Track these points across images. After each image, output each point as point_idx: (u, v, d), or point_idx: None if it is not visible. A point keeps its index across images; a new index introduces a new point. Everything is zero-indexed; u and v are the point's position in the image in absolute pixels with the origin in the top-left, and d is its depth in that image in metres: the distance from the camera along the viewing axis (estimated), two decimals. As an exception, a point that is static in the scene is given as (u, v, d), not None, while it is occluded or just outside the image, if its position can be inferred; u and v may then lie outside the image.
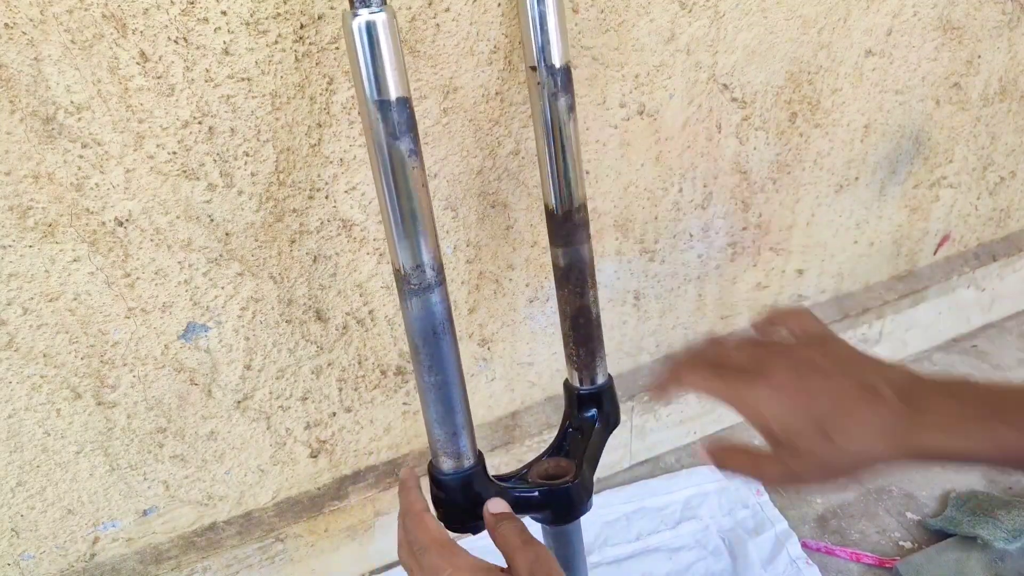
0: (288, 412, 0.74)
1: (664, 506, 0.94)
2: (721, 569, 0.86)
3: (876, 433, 0.42)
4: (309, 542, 0.80)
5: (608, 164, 0.77)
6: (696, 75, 0.76)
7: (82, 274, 0.59)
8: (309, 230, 0.65)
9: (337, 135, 0.62)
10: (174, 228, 0.60)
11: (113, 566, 0.73)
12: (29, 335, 0.59)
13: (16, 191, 0.54)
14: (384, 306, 0.73)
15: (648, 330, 0.93)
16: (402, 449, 0.84)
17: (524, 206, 0.74)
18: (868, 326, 1.07)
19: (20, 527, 0.67)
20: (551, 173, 0.61)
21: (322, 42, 0.57)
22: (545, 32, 0.57)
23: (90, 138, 0.54)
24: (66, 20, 0.49)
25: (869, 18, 0.83)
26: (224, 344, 0.67)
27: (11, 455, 0.64)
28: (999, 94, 1.00)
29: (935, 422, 0.41)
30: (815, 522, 0.92)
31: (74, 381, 0.63)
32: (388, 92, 0.47)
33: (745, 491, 0.94)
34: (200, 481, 0.74)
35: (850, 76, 0.86)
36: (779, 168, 0.88)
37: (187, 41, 0.53)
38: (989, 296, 1.19)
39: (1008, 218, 1.16)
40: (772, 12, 0.76)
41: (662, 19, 0.71)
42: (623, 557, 0.88)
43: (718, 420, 1.03)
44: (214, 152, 0.58)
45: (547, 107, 0.59)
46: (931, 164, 1.01)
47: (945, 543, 0.87)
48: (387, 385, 0.78)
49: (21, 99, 0.51)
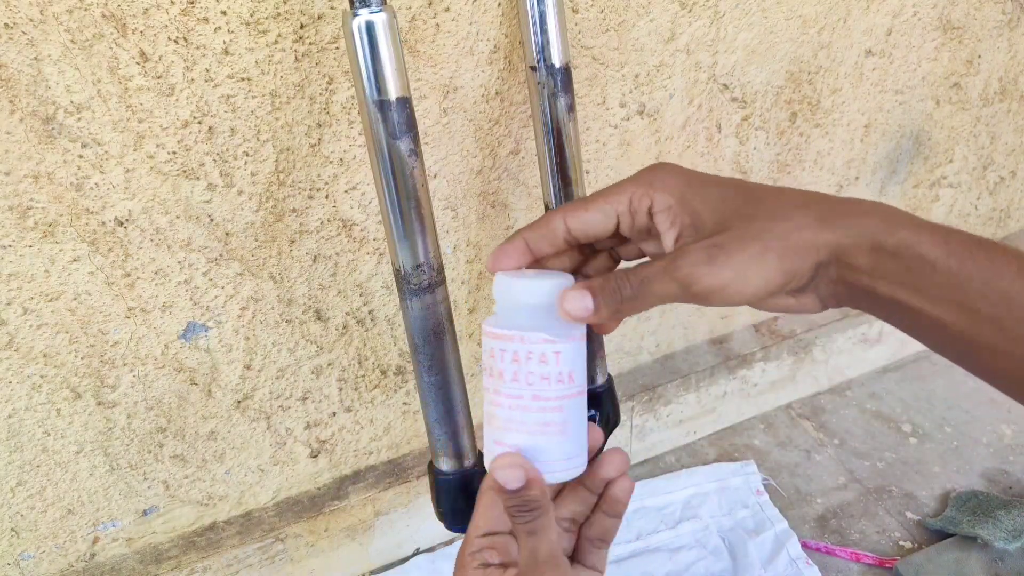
0: (288, 412, 0.74)
1: (664, 506, 0.94)
2: (721, 569, 0.86)
3: (814, 219, 0.35)
4: (309, 542, 0.80)
5: (608, 164, 0.77)
6: (696, 75, 0.76)
7: (82, 274, 0.59)
8: (309, 230, 0.65)
9: (337, 135, 0.62)
10: (174, 228, 0.60)
11: (113, 566, 0.73)
12: (29, 335, 0.59)
13: (16, 191, 0.54)
14: (384, 306, 0.73)
15: (648, 330, 0.93)
16: (402, 449, 0.84)
17: (524, 206, 0.74)
18: (868, 326, 1.07)
19: (20, 527, 0.67)
20: (551, 173, 0.62)
21: (322, 42, 0.57)
22: (545, 32, 0.57)
23: (90, 138, 0.54)
24: (66, 20, 0.49)
25: (869, 18, 0.83)
26: (224, 344, 0.67)
27: (11, 455, 0.64)
28: (999, 94, 1.00)
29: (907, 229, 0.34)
30: (815, 522, 0.92)
31: (74, 381, 0.63)
32: (388, 92, 0.47)
33: (745, 491, 0.94)
34: (200, 481, 0.74)
35: (850, 76, 0.86)
36: (779, 168, 0.88)
37: (187, 41, 0.53)
38: (989, 296, 1.18)
39: (1008, 218, 1.16)
40: (772, 12, 0.76)
41: (662, 19, 0.71)
42: (623, 557, 0.88)
43: (717, 420, 1.03)
44: (214, 152, 0.58)
45: (547, 107, 0.59)
46: (931, 164, 1.01)
47: (945, 543, 0.87)
48: (387, 385, 0.78)
49: (21, 99, 0.51)
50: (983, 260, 0.34)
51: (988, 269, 0.33)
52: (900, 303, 0.35)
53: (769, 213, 0.36)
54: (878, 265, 0.35)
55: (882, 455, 0.99)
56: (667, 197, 0.38)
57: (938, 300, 0.34)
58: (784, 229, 0.35)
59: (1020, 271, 0.33)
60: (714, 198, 0.37)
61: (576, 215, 0.40)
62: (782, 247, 0.35)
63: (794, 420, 1.06)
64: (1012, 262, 0.33)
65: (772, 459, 1.00)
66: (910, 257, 0.34)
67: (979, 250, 0.34)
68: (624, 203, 0.39)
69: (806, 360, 1.05)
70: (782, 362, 1.02)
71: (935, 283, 0.34)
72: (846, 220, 0.35)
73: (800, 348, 1.03)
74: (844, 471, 0.98)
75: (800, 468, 0.98)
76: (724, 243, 0.35)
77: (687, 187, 0.38)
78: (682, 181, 0.38)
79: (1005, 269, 0.33)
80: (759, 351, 0.99)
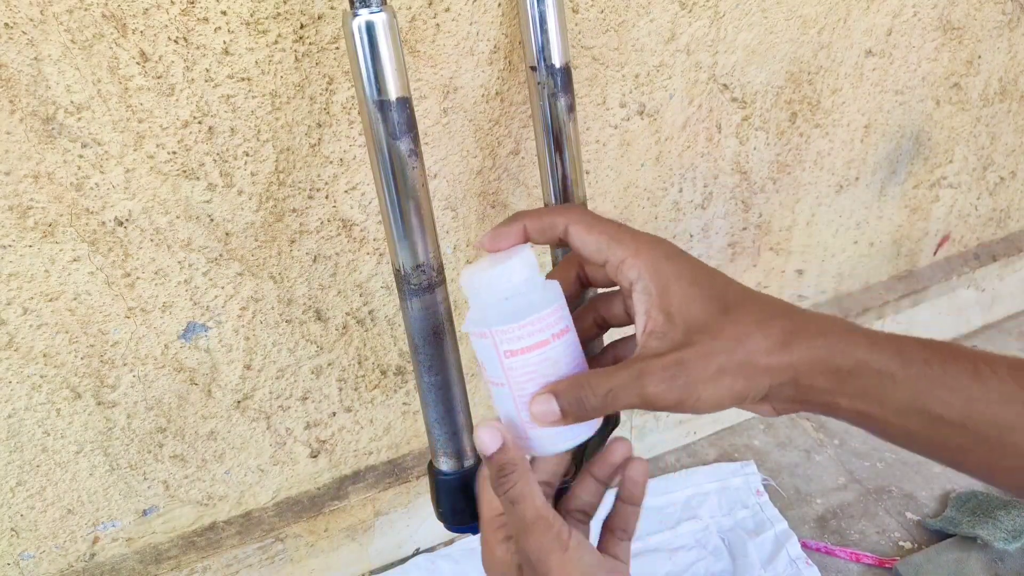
0: (288, 412, 0.74)
1: (664, 506, 0.94)
2: (721, 569, 0.86)
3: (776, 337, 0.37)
4: (309, 542, 0.80)
5: (608, 164, 0.77)
6: (696, 75, 0.76)
7: (82, 274, 0.59)
8: (309, 230, 0.65)
9: (337, 135, 0.62)
10: (174, 228, 0.60)
11: (113, 566, 0.73)
12: (29, 335, 0.59)
13: (16, 191, 0.54)
14: (384, 306, 0.73)
15: (648, 330, 0.93)
16: (402, 449, 0.84)
17: (524, 206, 0.74)
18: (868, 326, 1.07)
19: (20, 527, 0.67)
20: (551, 173, 0.61)
21: (322, 42, 0.57)
22: (545, 32, 0.57)
23: (90, 138, 0.54)
24: (66, 20, 0.49)
25: (869, 18, 0.83)
26: (224, 344, 0.67)
27: (11, 455, 0.64)
28: (999, 94, 1.00)
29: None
30: (815, 522, 0.92)
31: (74, 381, 0.63)
32: (388, 92, 0.47)
33: (745, 491, 0.95)
34: (200, 481, 0.74)
35: (850, 76, 0.86)
36: (779, 168, 0.88)
37: (187, 41, 0.53)
38: (989, 296, 1.19)
39: (1008, 218, 1.16)
40: (772, 12, 0.76)
41: (662, 19, 0.71)
42: (623, 557, 0.88)
43: (717, 420, 1.03)
44: (214, 152, 0.58)
45: (547, 107, 0.59)
46: (931, 164, 1.01)
47: (945, 543, 0.87)
48: (387, 385, 0.78)
49: (21, 99, 0.51)
50: (938, 366, 0.35)
51: (945, 374, 0.35)
52: (865, 414, 0.37)
53: (733, 332, 0.38)
54: (837, 385, 0.36)
55: (882, 455, 0.99)
56: (651, 284, 0.39)
57: (902, 411, 0.36)
58: (744, 352, 0.37)
59: (976, 373, 0.35)
60: (690, 303, 0.39)
61: (578, 230, 0.41)
62: (738, 370, 0.37)
63: (794, 420, 1.06)
64: (966, 365, 0.35)
65: (772, 459, 1.00)
66: (868, 374, 0.36)
67: (934, 356, 0.36)
68: (617, 259, 0.40)
69: (806, 360, 1.04)
70: (782, 362, 1.02)
71: (896, 396, 0.36)
72: (804, 342, 0.37)
73: (800, 348, 1.03)
74: (844, 471, 0.98)
75: (800, 468, 0.98)
76: (686, 360, 0.37)
77: (674, 281, 0.39)
78: (672, 272, 0.39)
79: (962, 373, 0.35)
80: (759, 351, 0.99)
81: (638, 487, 0.45)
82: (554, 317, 0.40)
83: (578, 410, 0.39)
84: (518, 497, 0.40)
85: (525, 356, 0.40)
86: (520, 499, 0.40)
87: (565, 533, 0.40)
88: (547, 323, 0.40)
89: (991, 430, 0.34)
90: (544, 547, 0.39)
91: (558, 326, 0.40)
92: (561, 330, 0.41)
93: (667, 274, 0.39)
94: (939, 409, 0.35)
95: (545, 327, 0.40)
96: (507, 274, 0.40)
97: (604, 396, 0.38)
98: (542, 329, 0.40)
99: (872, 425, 0.37)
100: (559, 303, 0.41)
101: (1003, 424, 0.34)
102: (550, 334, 0.40)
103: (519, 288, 0.40)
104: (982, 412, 0.34)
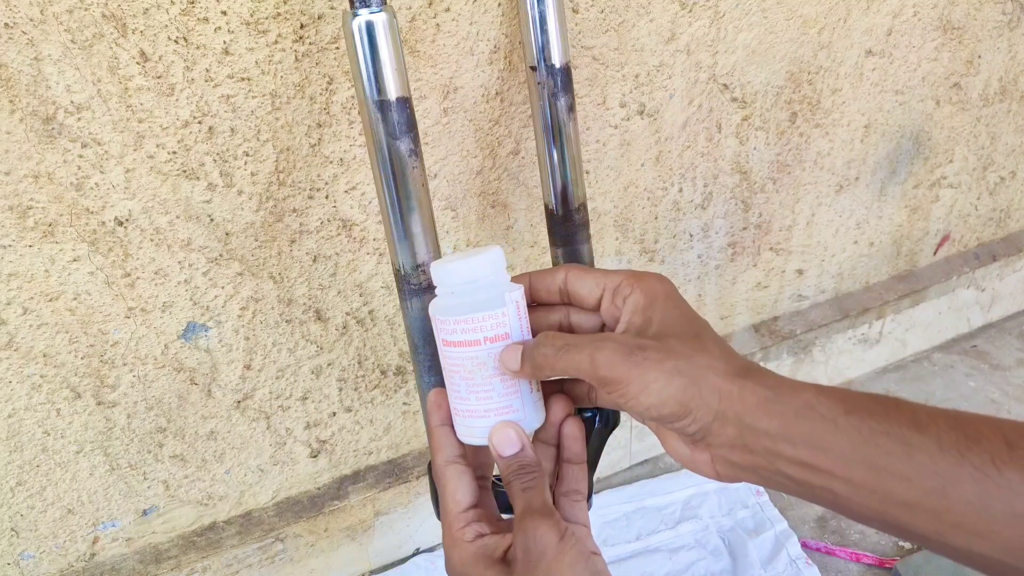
0: (288, 412, 0.74)
1: (664, 506, 0.94)
2: (721, 569, 0.86)
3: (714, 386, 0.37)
4: (309, 542, 0.80)
5: (608, 164, 0.77)
6: (696, 75, 0.76)
7: (82, 274, 0.59)
8: (309, 230, 0.65)
9: (337, 135, 0.62)
10: (174, 228, 0.60)
11: (113, 566, 0.74)
12: (29, 335, 0.59)
13: (16, 191, 0.54)
14: (384, 306, 0.73)
15: (648, 330, 0.93)
16: (402, 449, 0.84)
17: (524, 206, 0.74)
18: (868, 326, 1.07)
19: (20, 527, 0.68)
20: (551, 173, 0.62)
21: (322, 42, 0.57)
22: (545, 32, 0.57)
23: (90, 138, 0.54)
24: (66, 20, 0.49)
25: (869, 18, 0.83)
26: (224, 344, 0.67)
27: (11, 455, 0.64)
28: (999, 94, 1.00)
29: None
30: (815, 522, 0.92)
31: (74, 381, 0.63)
32: (388, 92, 0.47)
33: (745, 491, 0.94)
34: (200, 481, 0.74)
35: (850, 76, 0.86)
36: (779, 168, 0.88)
37: (187, 41, 0.53)
38: (989, 296, 1.19)
39: (1008, 218, 1.16)
40: (772, 12, 0.76)
41: (662, 19, 0.71)
42: (623, 557, 0.88)
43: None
44: (214, 152, 0.58)
45: (547, 107, 0.59)
46: (931, 164, 1.01)
47: (945, 543, 0.87)
48: (387, 385, 0.78)
49: (21, 99, 0.51)
50: (880, 417, 0.35)
51: (886, 424, 0.35)
52: (808, 465, 0.36)
53: (699, 346, 0.39)
54: (782, 427, 0.36)
55: (882, 455, 0.99)
56: (640, 298, 0.41)
57: (846, 458, 0.35)
58: (702, 364, 0.38)
59: (915, 423, 0.34)
60: (669, 317, 0.41)
61: (576, 274, 0.44)
62: (691, 377, 0.37)
63: (794, 420, 1.05)
64: (905, 417, 0.35)
65: (772, 459, 1.00)
66: (813, 418, 0.36)
67: (876, 407, 0.35)
68: (613, 283, 0.42)
69: (806, 360, 1.05)
70: (782, 362, 1.02)
71: (839, 442, 0.35)
72: (758, 380, 0.38)
73: (800, 348, 1.03)
74: (844, 471, 0.97)
75: (800, 468, 0.98)
76: (647, 347, 0.38)
77: (662, 300, 0.41)
78: (661, 293, 0.42)
79: (904, 424, 0.34)
80: (759, 351, 0.99)
81: (577, 442, 0.46)
82: (492, 322, 0.41)
83: (532, 358, 0.40)
84: (532, 485, 0.42)
85: (456, 350, 0.42)
86: (532, 487, 0.42)
87: (562, 523, 0.42)
88: (482, 325, 0.41)
89: (933, 481, 0.33)
90: (546, 534, 0.41)
91: (494, 331, 0.41)
92: (496, 336, 0.41)
93: (657, 293, 0.41)
94: (881, 460, 0.34)
95: (478, 328, 0.41)
96: (465, 269, 0.41)
97: (559, 348, 0.39)
98: (475, 329, 0.41)
99: (815, 478, 0.36)
100: (505, 309, 0.41)
101: (945, 475, 0.33)
102: (482, 336, 0.41)
103: (472, 285, 0.41)
104: (924, 463, 0.33)
